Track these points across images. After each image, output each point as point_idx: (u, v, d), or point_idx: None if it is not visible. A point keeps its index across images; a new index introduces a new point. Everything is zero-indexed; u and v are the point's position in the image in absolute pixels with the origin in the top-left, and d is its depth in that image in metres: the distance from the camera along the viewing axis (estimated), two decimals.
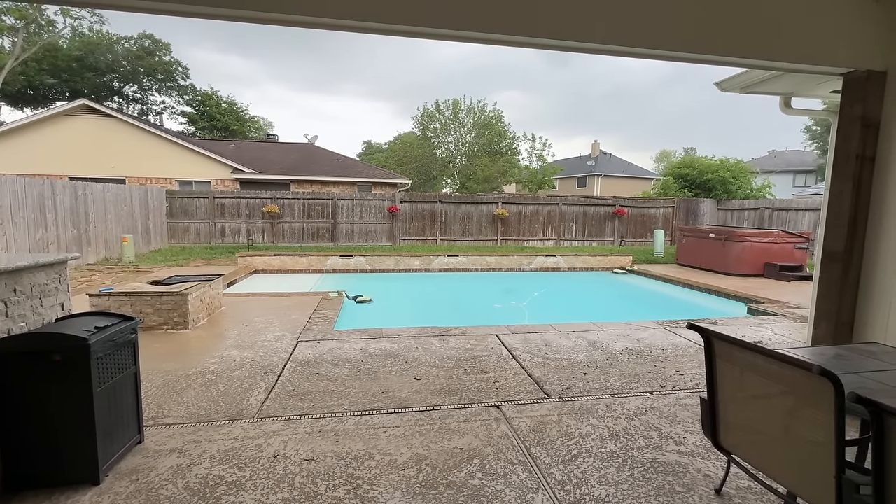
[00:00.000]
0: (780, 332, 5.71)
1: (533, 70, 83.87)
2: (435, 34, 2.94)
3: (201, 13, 2.72)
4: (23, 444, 2.26)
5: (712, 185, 19.12)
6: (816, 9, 3.15)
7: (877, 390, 1.83)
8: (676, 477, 2.51)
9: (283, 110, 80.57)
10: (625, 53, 3.20)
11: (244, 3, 2.62)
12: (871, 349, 2.40)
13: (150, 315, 5.12)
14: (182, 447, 2.73)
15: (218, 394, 3.51)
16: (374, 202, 15.47)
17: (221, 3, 2.61)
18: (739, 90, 4.08)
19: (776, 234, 11.00)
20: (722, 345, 1.79)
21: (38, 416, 2.25)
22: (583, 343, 4.99)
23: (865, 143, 3.23)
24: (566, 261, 12.95)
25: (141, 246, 12.79)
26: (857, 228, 3.30)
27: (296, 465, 2.56)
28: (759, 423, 1.70)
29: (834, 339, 3.38)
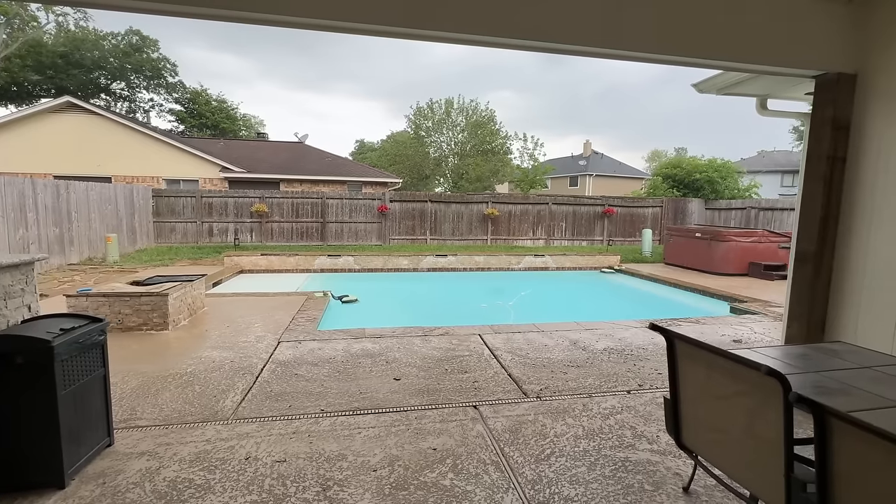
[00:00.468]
0: (759, 330, 5.78)
1: (526, 70, 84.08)
2: (421, 35, 2.95)
3: (191, 13, 2.72)
4: None
5: (700, 185, 19.30)
6: (789, 12, 3.19)
7: (836, 389, 1.86)
8: (646, 475, 2.53)
9: (274, 108, 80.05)
10: (607, 55, 3.23)
11: (234, 3, 2.61)
12: (835, 348, 2.44)
13: (129, 316, 5.06)
14: (152, 450, 2.70)
15: (193, 395, 3.48)
16: (364, 201, 15.42)
17: (212, 4, 2.59)
18: (716, 92, 4.12)
19: (761, 233, 11.13)
20: (683, 345, 1.81)
21: (1, 418, 2.22)
22: (565, 342, 5.01)
23: (836, 145, 3.28)
24: (555, 260, 13.01)
25: (126, 245, 12.63)
26: (828, 229, 3.35)
27: (267, 467, 2.54)
28: (718, 422, 1.72)
29: (806, 338, 3.43)
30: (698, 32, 3.14)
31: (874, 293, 3.13)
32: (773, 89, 4.00)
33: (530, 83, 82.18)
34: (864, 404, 1.67)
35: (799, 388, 1.88)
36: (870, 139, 3.17)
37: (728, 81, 3.92)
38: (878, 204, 3.12)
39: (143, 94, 33.19)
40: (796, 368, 2.11)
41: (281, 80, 77.61)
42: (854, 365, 2.14)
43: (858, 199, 3.24)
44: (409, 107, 43.10)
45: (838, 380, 1.96)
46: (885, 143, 3.08)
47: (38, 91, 28.36)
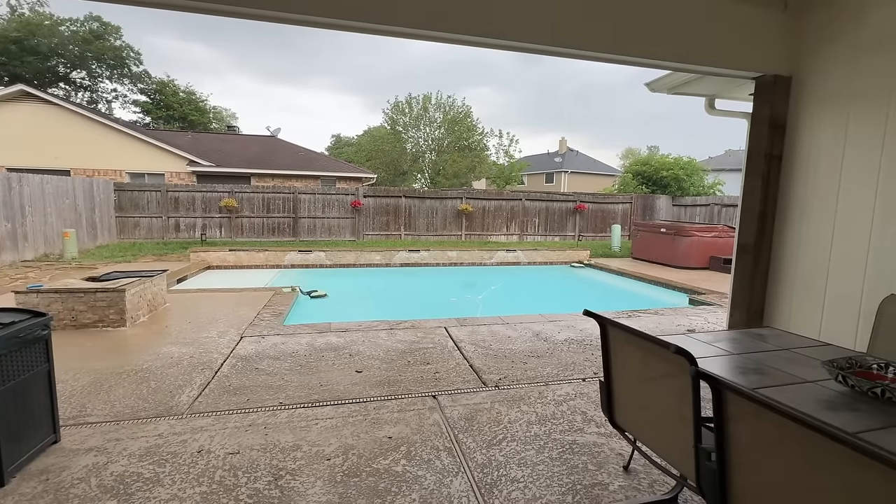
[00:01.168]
0: (713, 319, 6.07)
1: (503, 67, 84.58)
2: (392, 31, 2.97)
3: (159, 3, 2.65)
4: None
5: (667, 183, 19.93)
6: (731, 17, 3.36)
7: (752, 369, 2.00)
8: (591, 456, 2.66)
9: (247, 101, 77.90)
10: (565, 54, 3.33)
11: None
12: (762, 333, 2.61)
13: (83, 312, 4.90)
14: (101, 445, 2.66)
15: (148, 391, 3.42)
16: (338, 197, 15.27)
17: None
18: (667, 91, 4.30)
19: (721, 228, 11.61)
20: (613, 330, 1.92)
21: None
22: (528, 334, 5.14)
23: (773, 143, 3.48)
24: (526, 255, 13.22)
25: (86, 241, 12.14)
26: (766, 222, 3.56)
27: (219, 460, 2.54)
28: (643, 400, 1.84)
29: (746, 324, 3.64)
30: (650, 35, 3.27)
31: (805, 282, 3.35)
32: (719, 90, 4.21)
33: (508, 81, 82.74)
34: (772, 382, 1.82)
35: (722, 369, 2.02)
36: (802, 138, 3.38)
37: (677, 81, 4.10)
38: (809, 199, 3.34)
39: (106, 83, 31.78)
40: (723, 351, 2.26)
41: (254, 72, 75.59)
42: (775, 347, 2.30)
43: (792, 195, 3.46)
44: (387, 102, 42.79)
45: (758, 361, 2.11)
46: (815, 141, 3.29)
47: None
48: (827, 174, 3.22)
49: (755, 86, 3.59)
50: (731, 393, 1.30)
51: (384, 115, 32.23)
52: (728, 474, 1.33)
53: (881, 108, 2.90)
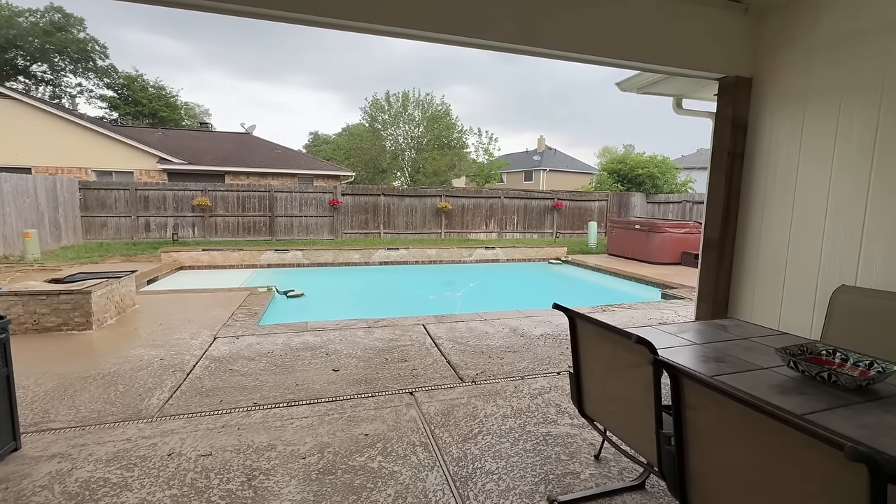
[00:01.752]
0: (683, 313, 6.27)
1: (481, 66, 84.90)
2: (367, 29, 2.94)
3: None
4: None
5: (642, 180, 20.41)
6: (696, 20, 3.47)
7: (712, 357, 2.10)
8: (564, 447, 2.72)
9: (221, 98, 75.81)
10: (536, 53, 3.36)
11: None
12: (724, 323, 2.72)
13: (46, 316, 4.71)
14: (65, 452, 2.58)
15: (116, 395, 3.33)
16: (315, 195, 15.06)
17: None
18: (636, 90, 4.41)
19: (691, 224, 11.98)
20: (581, 322, 1.97)
21: None
22: (505, 330, 5.21)
23: (735, 142, 3.62)
24: (505, 252, 13.35)
25: (49, 242, 11.64)
26: (729, 218, 3.70)
27: (191, 462, 2.50)
28: (609, 390, 1.90)
29: (712, 316, 3.78)
30: (619, 35, 3.34)
31: (766, 275, 3.51)
32: (686, 90, 4.34)
33: (486, 79, 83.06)
34: (731, 369, 1.90)
35: (685, 358, 2.10)
36: (762, 136, 3.53)
37: (646, 81, 4.21)
38: (768, 195, 3.49)
39: (70, 77, 30.48)
40: (687, 342, 2.35)
41: (228, 67, 73.68)
42: (735, 337, 2.41)
43: (753, 191, 3.61)
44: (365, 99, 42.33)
45: (718, 349, 2.20)
46: (774, 140, 3.44)
47: None
48: (785, 170, 3.37)
49: (719, 86, 3.73)
50: (688, 380, 1.36)
51: (363, 113, 31.93)
52: (686, 457, 1.40)
53: (833, 108, 3.05)
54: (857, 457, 0.87)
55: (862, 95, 2.90)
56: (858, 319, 2.57)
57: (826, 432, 1.02)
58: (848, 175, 2.98)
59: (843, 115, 3.01)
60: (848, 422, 1.44)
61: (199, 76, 68.72)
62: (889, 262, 2.77)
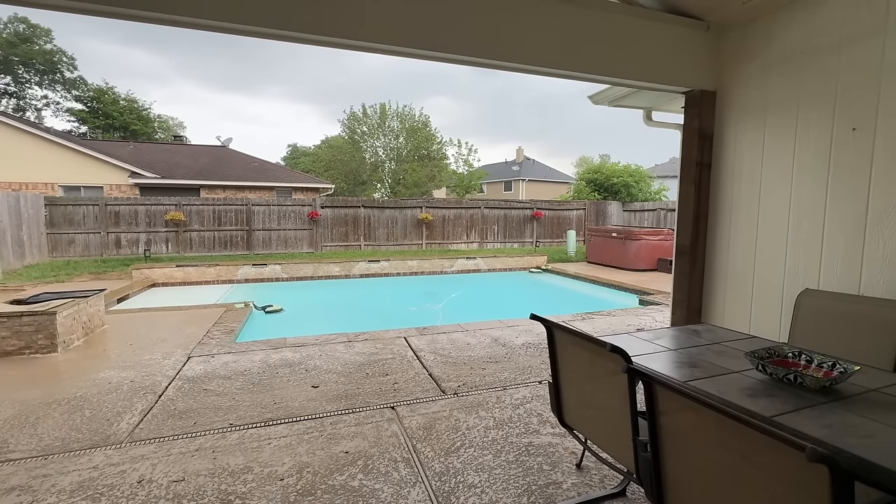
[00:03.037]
0: (660, 318, 6.40)
1: (459, 78, 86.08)
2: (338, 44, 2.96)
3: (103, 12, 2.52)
4: None
5: (618, 189, 20.91)
6: (661, 36, 3.61)
7: (686, 362, 2.14)
8: (546, 457, 2.72)
9: (196, 110, 74.55)
10: (512, 69, 3.45)
11: (152, 4, 2.45)
12: (697, 329, 2.79)
13: (6, 339, 4.49)
14: (26, 484, 2.44)
15: (82, 421, 3.18)
16: (294, 208, 14.88)
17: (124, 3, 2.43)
18: (608, 103, 4.55)
19: (666, 232, 12.31)
20: (558, 332, 2.00)
21: None
22: (487, 340, 5.21)
23: (703, 152, 3.76)
24: (486, 262, 13.42)
25: (12, 261, 11.13)
26: (699, 225, 3.83)
27: (162, 489, 2.40)
28: (587, 399, 1.92)
29: (686, 322, 3.88)
30: (590, 51, 3.45)
31: (735, 280, 3.63)
32: (655, 103, 4.51)
33: (464, 91, 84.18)
34: (703, 374, 1.95)
35: (660, 364, 2.14)
36: (727, 147, 3.68)
37: (617, 94, 4.35)
38: (735, 203, 3.63)
39: (35, 90, 29.51)
40: (662, 348, 2.40)
41: (202, 79, 72.63)
42: (707, 342, 2.47)
43: (721, 199, 3.74)
44: (343, 111, 42.29)
45: (691, 355, 2.26)
46: (739, 150, 3.59)
47: None
48: (749, 179, 3.51)
49: (685, 99, 3.88)
50: (660, 387, 1.39)
51: (342, 125, 31.88)
52: (661, 463, 1.42)
53: (791, 117, 3.21)
54: (817, 457, 0.90)
55: (817, 105, 3.05)
56: (822, 322, 2.67)
57: (790, 434, 1.05)
58: (808, 181, 3.13)
59: (800, 125, 3.17)
60: (813, 422, 1.49)
61: (172, 88, 67.55)
62: (848, 265, 2.90)
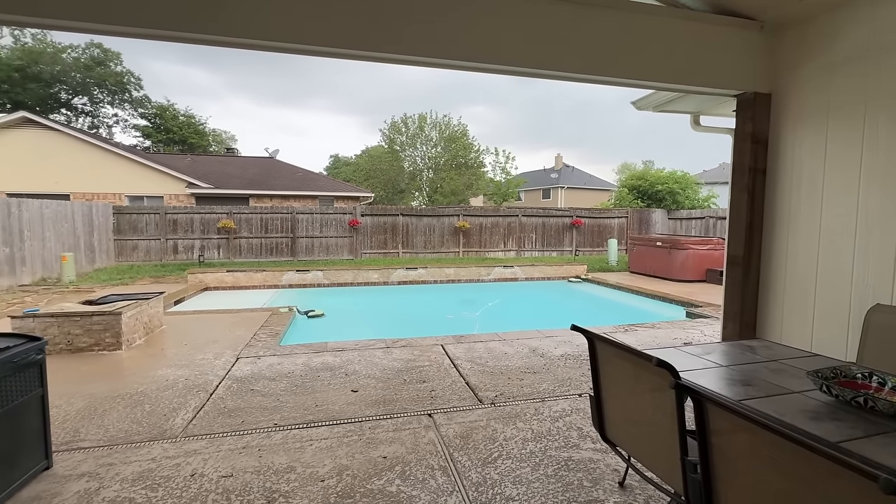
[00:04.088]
0: (709, 332, 6.07)
1: (499, 86, 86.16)
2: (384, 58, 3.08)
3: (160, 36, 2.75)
4: None
5: (663, 196, 20.12)
6: (710, 37, 3.48)
7: (739, 380, 2.03)
8: (586, 473, 2.64)
9: (246, 123, 78.80)
10: (554, 77, 3.43)
11: (208, 27, 2.66)
12: (752, 344, 2.63)
13: (79, 336, 4.90)
14: (94, 471, 2.64)
15: (142, 415, 3.41)
16: (335, 216, 15.36)
17: (189, 28, 2.65)
18: (653, 109, 4.41)
19: (716, 241, 11.69)
20: (600, 344, 1.95)
21: None
22: (524, 350, 5.14)
23: (756, 158, 3.57)
24: (524, 271, 13.25)
25: (84, 265, 12.16)
26: (753, 235, 3.62)
27: (212, 483, 2.53)
28: (631, 414, 1.85)
29: (739, 336, 3.66)
30: (635, 56, 3.38)
31: (795, 294, 3.39)
32: (704, 107, 4.32)
33: (503, 99, 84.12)
34: (758, 393, 1.84)
35: (710, 381, 2.04)
36: (784, 153, 3.47)
37: (662, 99, 4.21)
38: (794, 212, 3.40)
39: (107, 108, 32.26)
40: (712, 363, 2.28)
41: (253, 95, 76.79)
42: (763, 359, 2.32)
43: (778, 208, 3.52)
44: (384, 122, 43.32)
45: (745, 372, 2.13)
46: (797, 156, 3.37)
47: None
48: (810, 188, 3.29)
49: (737, 102, 3.70)
50: (712, 405, 1.32)
51: (381, 135, 32.69)
52: (713, 486, 1.35)
53: (857, 120, 2.99)
54: (891, 488, 0.83)
55: (887, 107, 2.83)
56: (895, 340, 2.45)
57: (860, 461, 0.98)
58: (878, 188, 2.89)
59: (868, 128, 2.94)
60: (887, 450, 1.36)
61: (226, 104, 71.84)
62: None
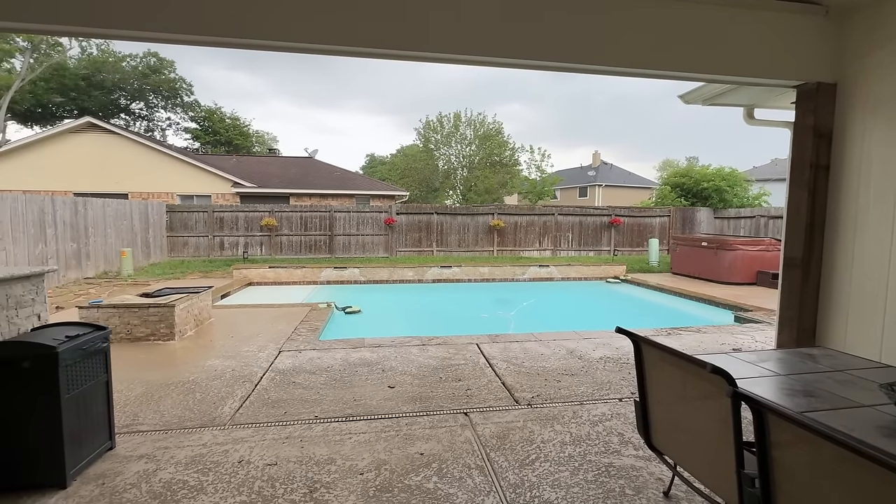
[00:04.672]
0: (761, 339, 5.73)
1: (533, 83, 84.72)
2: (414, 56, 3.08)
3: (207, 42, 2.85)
4: None
5: (708, 194, 19.17)
6: (768, 25, 3.27)
7: (800, 391, 1.90)
8: (629, 480, 2.56)
9: (287, 125, 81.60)
10: (597, 71, 3.34)
11: (249, 31, 2.74)
12: (812, 353, 2.46)
13: (137, 326, 5.24)
14: (151, 453, 2.82)
15: (194, 402, 3.60)
16: (371, 214, 15.65)
17: (224, 33, 2.73)
18: (702, 102, 4.20)
19: (768, 241, 11.02)
20: (647, 348, 1.87)
21: (7, 420, 2.35)
22: (561, 351, 5.04)
23: (818, 153, 3.32)
24: (559, 271, 13.00)
25: (140, 259, 12.99)
26: (814, 235, 3.37)
27: (258, 470, 2.63)
28: (680, 422, 1.77)
29: (797, 344, 3.43)
30: (685, 48, 3.22)
31: (862, 300, 3.13)
32: (758, 99, 4.07)
33: (538, 96, 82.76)
34: (823, 405, 1.71)
35: (767, 390, 1.93)
36: (851, 147, 3.21)
37: (713, 92, 4.00)
38: (861, 211, 3.14)
39: (161, 113, 34.32)
40: (769, 372, 2.15)
41: (294, 96, 79.41)
42: (827, 368, 2.17)
43: (842, 206, 3.27)
44: (419, 121, 43.68)
45: (807, 382, 1.99)
46: (866, 150, 3.11)
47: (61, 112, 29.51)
48: (881, 183, 3.03)
49: (797, 94, 3.46)
50: (774, 416, 1.24)
51: (416, 134, 32.95)
52: (773, 502, 1.26)
53: None
54: None
55: None
56: None
57: None
58: None
59: None
60: None
61: (268, 106, 74.68)
62: None
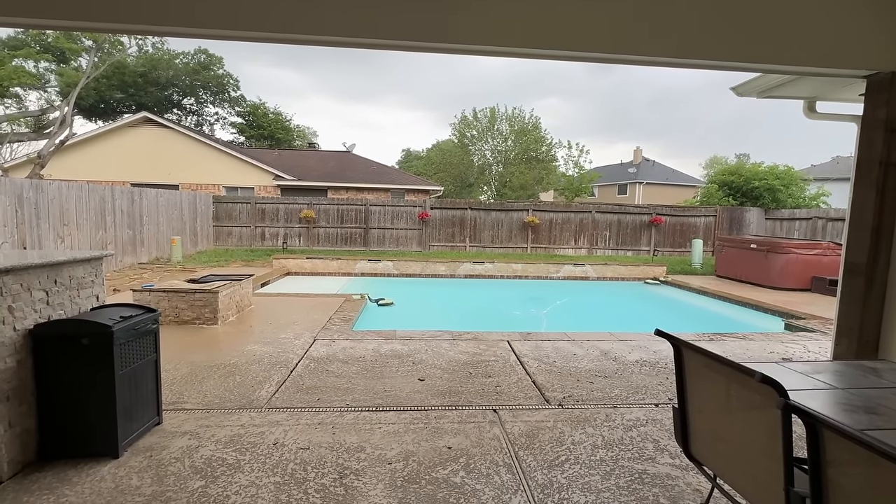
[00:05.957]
0: (814, 349, 5.37)
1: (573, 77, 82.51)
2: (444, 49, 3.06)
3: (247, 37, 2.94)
4: (55, 418, 2.55)
5: (759, 194, 18.07)
6: (835, 9, 3.02)
7: (860, 406, 1.75)
8: (664, 489, 2.46)
9: (326, 120, 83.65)
10: (651, 63, 3.19)
11: (294, 27, 2.78)
12: (876, 366, 2.27)
13: (184, 310, 5.53)
14: (194, 430, 2.97)
15: (234, 384, 3.77)
16: (405, 208, 15.79)
17: (263, 28, 2.81)
18: (756, 95, 3.92)
19: (826, 245, 10.27)
20: (688, 353, 1.78)
21: (68, 393, 2.55)
22: (595, 353, 4.91)
23: (890, 149, 3.04)
24: (595, 270, 12.67)
25: (188, 247, 13.71)
26: (881, 239, 3.10)
27: (292, 453, 2.72)
28: (722, 432, 1.68)
29: (856, 356, 3.17)
30: (740, 35, 3.02)
31: None
32: (821, 91, 3.76)
33: (577, 90, 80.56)
34: (888, 423, 1.57)
35: (822, 404, 1.79)
36: None
37: (769, 84, 3.73)
38: None
39: (210, 108, 35.98)
40: (824, 384, 2.00)
41: (333, 92, 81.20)
42: (891, 384, 1.99)
43: None
44: (454, 116, 43.60)
45: (869, 398, 1.84)
46: None
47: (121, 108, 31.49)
48: None
49: (867, 85, 3.17)
50: (831, 432, 1.15)
51: (452, 129, 32.89)
52: None
53: None
54: None
55: None
56: None
57: None
58: None
59: None
60: None
61: (309, 102, 76.79)
62: None
